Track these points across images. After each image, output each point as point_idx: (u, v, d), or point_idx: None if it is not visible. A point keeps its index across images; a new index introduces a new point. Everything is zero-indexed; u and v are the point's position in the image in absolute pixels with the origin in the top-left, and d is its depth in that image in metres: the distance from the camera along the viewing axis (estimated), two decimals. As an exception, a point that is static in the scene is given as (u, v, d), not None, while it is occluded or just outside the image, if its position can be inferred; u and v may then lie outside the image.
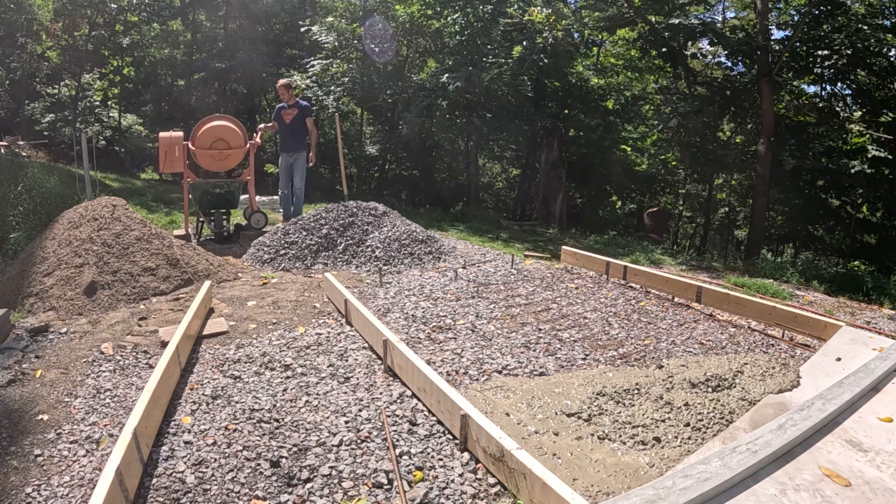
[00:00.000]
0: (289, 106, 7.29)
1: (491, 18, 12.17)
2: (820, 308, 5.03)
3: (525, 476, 2.05)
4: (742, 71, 12.16)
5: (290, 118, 7.28)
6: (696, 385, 2.85)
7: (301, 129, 7.33)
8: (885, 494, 1.90)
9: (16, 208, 6.45)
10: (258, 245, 6.02)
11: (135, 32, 17.19)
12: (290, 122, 7.30)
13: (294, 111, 7.27)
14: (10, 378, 3.05)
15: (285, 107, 7.31)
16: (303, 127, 7.31)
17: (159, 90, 18.19)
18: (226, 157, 6.75)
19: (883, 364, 2.80)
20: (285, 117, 7.30)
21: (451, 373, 3.23)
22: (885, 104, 10.66)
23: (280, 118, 7.35)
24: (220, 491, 2.17)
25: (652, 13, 10.90)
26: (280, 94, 7.40)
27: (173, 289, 4.69)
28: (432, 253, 6.04)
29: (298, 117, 7.28)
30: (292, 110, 7.28)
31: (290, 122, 7.30)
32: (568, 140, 14.14)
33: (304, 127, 7.31)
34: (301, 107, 7.32)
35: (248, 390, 2.97)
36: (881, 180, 10.08)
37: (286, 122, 7.32)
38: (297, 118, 7.28)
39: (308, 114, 7.35)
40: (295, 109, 7.27)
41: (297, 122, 7.29)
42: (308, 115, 7.34)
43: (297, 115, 7.27)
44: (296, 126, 7.31)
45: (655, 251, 8.37)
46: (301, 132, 7.35)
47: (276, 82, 8.01)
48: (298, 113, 7.28)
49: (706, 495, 1.84)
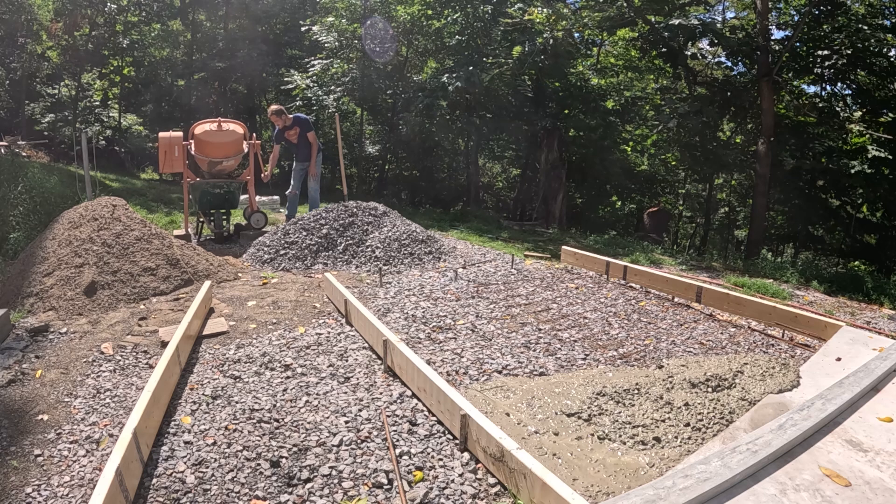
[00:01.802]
0: (287, 127, 7.39)
1: (491, 18, 12.17)
2: (820, 308, 5.03)
3: (525, 476, 2.05)
4: (742, 71, 12.17)
5: (294, 137, 7.44)
6: (696, 385, 2.85)
7: (308, 141, 7.51)
8: (885, 494, 1.90)
9: (16, 208, 6.45)
10: (258, 245, 6.02)
11: (135, 32, 17.20)
12: (297, 140, 7.47)
13: (296, 129, 7.40)
14: (10, 378, 3.05)
15: (284, 129, 7.42)
16: (308, 139, 7.50)
17: (159, 90, 18.19)
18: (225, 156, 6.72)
19: (883, 364, 2.80)
20: (290, 138, 7.44)
21: (451, 373, 3.23)
22: (885, 104, 10.65)
23: (286, 139, 7.48)
24: (220, 491, 2.17)
25: (652, 13, 10.89)
26: (274, 122, 7.52)
27: (173, 289, 4.69)
28: (432, 253, 6.04)
29: (302, 133, 7.44)
30: (294, 129, 7.40)
31: (297, 140, 7.47)
32: (568, 140, 14.14)
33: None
34: (300, 122, 7.47)
35: (248, 390, 2.97)
36: (881, 180, 10.07)
37: (293, 141, 7.47)
38: (301, 134, 7.44)
39: (309, 128, 7.50)
40: (296, 127, 7.40)
41: (302, 137, 7.46)
42: (309, 129, 7.49)
43: (300, 132, 7.42)
44: (304, 140, 7.48)
45: (655, 251, 8.37)
46: (309, 143, 7.52)
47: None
48: (301, 130, 7.42)
49: (706, 495, 1.84)
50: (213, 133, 6.49)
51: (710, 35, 11.19)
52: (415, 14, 13.03)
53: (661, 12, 10.86)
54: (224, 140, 6.56)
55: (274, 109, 7.46)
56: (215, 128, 6.51)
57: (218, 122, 6.58)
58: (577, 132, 14.41)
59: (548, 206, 13.21)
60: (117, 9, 16.35)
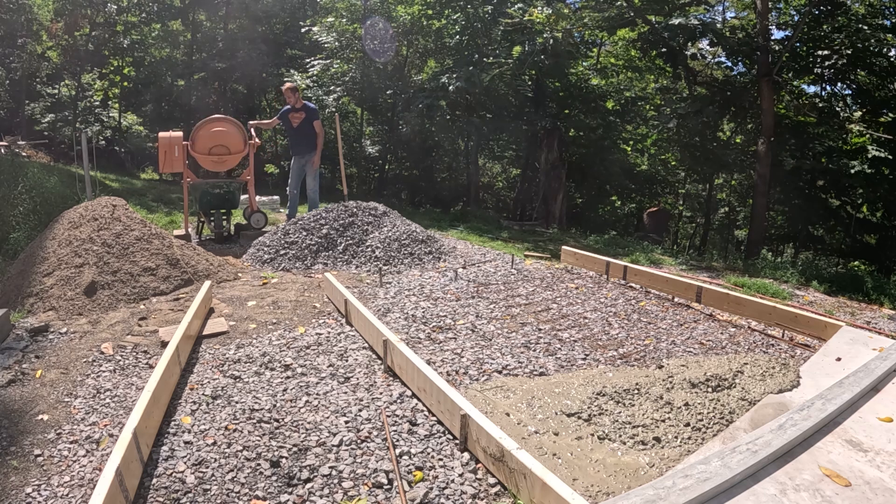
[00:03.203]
0: (296, 109, 7.18)
1: (491, 18, 12.18)
2: (820, 308, 5.03)
3: (525, 476, 2.05)
4: (742, 71, 12.16)
5: (297, 121, 7.19)
6: (696, 385, 2.85)
7: (310, 132, 7.25)
8: (885, 494, 1.90)
9: (16, 208, 6.45)
10: (258, 245, 6.02)
11: (135, 32, 17.20)
12: (298, 126, 7.21)
13: (301, 114, 7.17)
14: (10, 378, 3.05)
15: (291, 109, 7.20)
16: (311, 130, 7.23)
17: (159, 90, 18.19)
18: (224, 161, 6.74)
19: (883, 364, 2.80)
20: (293, 120, 7.20)
21: (451, 373, 3.23)
22: (885, 104, 10.65)
23: (287, 121, 7.26)
24: (220, 491, 2.17)
25: (652, 13, 10.90)
26: (287, 97, 7.25)
27: (173, 289, 4.69)
28: (432, 253, 6.04)
29: (307, 120, 7.19)
30: (300, 113, 7.17)
31: (298, 126, 7.21)
32: (568, 140, 14.14)
33: (313, 129, 7.23)
34: (309, 109, 7.24)
35: (248, 390, 2.97)
36: (881, 180, 10.07)
37: (293, 125, 7.22)
38: (306, 121, 7.19)
39: (315, 117, 7.28)
40: (302, 113, 7.17)
41: (305, 124, 7.19)
42: (315, 118, 7.26)
43: (304, 118, 7.17)
44: (305, 129, 7.22)
45: (655, 251, 8.37)
46: (311, 135, 7.26)
47: (282, 85, 7.94)
48: (307, 116, 7.18)
49: (706, 495, 1.84)
50: (215, 161, 6.71)
51: (710, 35, 11.20)
52: (415, 14, 13.03)
53: (661, 12, 10.86)
54: (224, 167, 6.84)
55: (290, 86, 7.22)
56: (217, 158, 6.69)
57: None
58: (577, 132, 14.41)
59: (548, 206, 13.21)
60: (118, 9, 16.34)
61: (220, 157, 6.63)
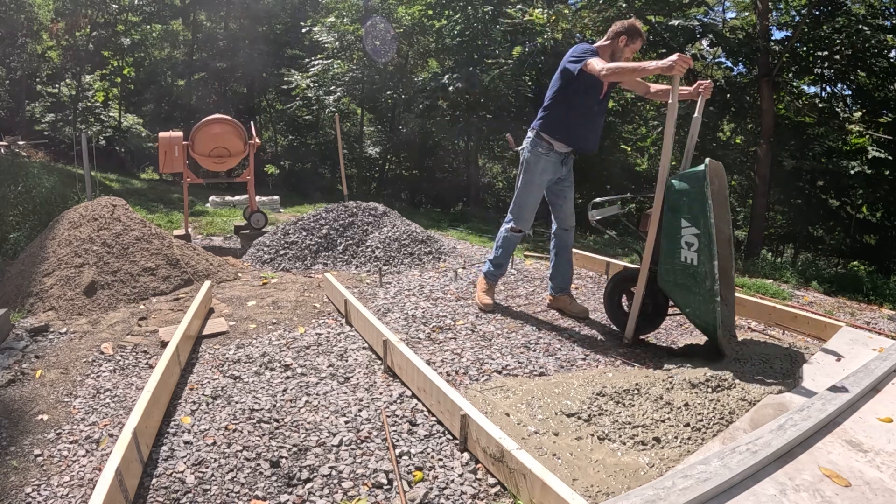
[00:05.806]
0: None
1: (491, 19, 12.19)
2: (820, 308, 5.03)
3: (525, 476, 2.05)
4: (742, 71, 12.17)
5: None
6: (696, 385, 2.85)
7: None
8: (885, 495, 1.90)
9: (16, 208, 6.45)
10: (258, 245, 6.02)
11: (135, 32, 17.21)
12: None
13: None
14: (10, 378, 3.05)
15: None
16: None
17: (159, 90, 18.21)
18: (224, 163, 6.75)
19: (883, 364, 2.80)
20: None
21: (450, 373, 3.23)
22: (885, 105, 10.66)
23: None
24: (219, 491, 2.17)
25: (652, 14, 10.90)
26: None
27: (173, 289, 4.69)
28: (432, 253, 6.04)
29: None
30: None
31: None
32: (568, 140, 14.11)
33: None
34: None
35: (248, 390, 2.97)
36: (881, 181, 10.08)
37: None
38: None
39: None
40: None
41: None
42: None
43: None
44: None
45: (655, 251, 8.34)
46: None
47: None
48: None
49: (706, 495, 1.84)
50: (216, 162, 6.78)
51: (711, 35, 11.20)
52: (415, 14, 13.04)
53: (661, 13, 10.86)
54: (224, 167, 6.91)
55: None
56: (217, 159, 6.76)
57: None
58: (577, 132, 14.37)
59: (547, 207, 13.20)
60: (118, 9, 16.36)
61: (220, 159, 6.64)
